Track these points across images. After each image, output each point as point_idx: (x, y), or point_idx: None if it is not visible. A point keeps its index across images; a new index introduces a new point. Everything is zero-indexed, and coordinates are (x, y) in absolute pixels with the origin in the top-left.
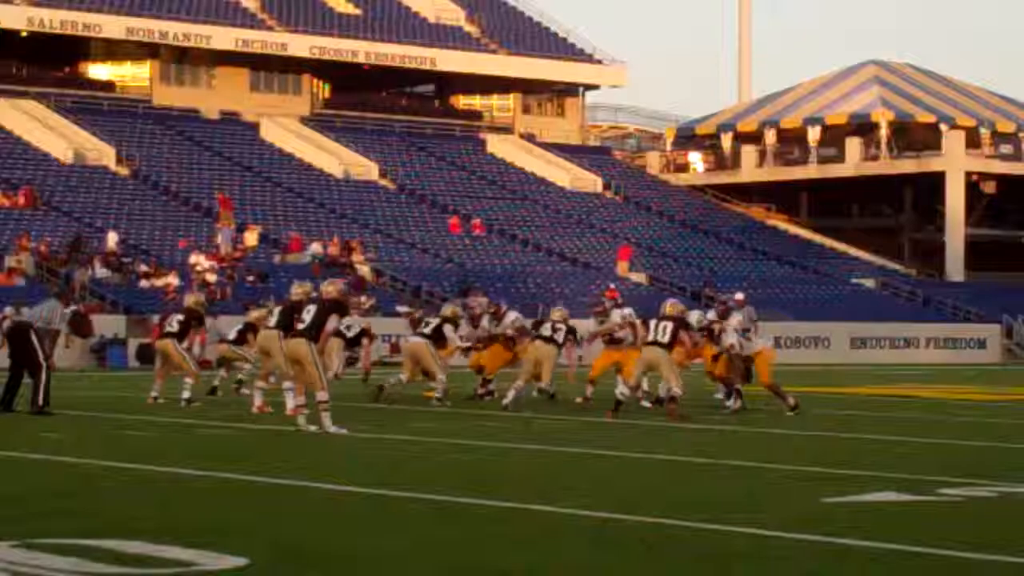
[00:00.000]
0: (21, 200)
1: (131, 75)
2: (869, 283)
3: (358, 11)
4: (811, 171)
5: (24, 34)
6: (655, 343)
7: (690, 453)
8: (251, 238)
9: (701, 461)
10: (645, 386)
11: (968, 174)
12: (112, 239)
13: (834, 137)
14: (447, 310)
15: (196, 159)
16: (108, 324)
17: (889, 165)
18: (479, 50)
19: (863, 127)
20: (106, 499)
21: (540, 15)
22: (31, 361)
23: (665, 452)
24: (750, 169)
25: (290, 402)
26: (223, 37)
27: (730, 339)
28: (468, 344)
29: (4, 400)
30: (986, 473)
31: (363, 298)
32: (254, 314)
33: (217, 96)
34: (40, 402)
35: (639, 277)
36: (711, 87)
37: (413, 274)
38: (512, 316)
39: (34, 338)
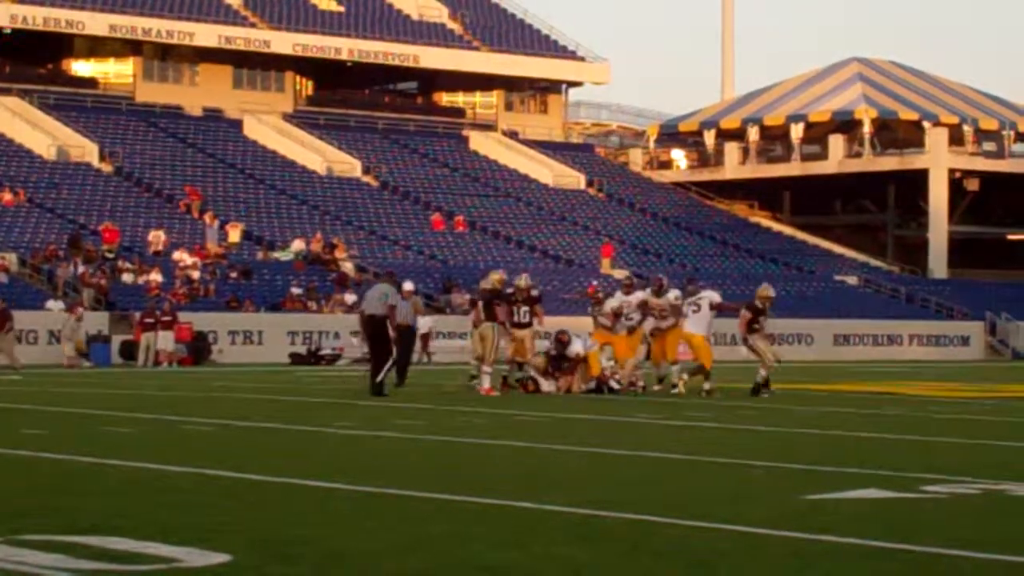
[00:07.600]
0: (5, 197)
1: (114, 72)
2: (852, 280)
3: (341, 8)
4: (794, 168)
5: (7, 31)
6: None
7: (672, 450)
8: (234, 235)
9: (683, 458)
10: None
11: (951, 171)
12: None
13: (817, 134)
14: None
15: (179, 156)
16: (91, 321)
17: (872, 162)
18: (462, 47)
19: (846, 124)
20: (90, 496)
21: (523, 12)
22: (381, 349)
23: (647, 448)
24: (733, 166)
25: None
26: (206, 34)
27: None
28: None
29: (373, 384)
30: (969, 470)
31: None
32: None
33: (200, 93)
34: (377, 381)
35: (622, 274)
36: (694, 84)
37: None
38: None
39: (389, 328)
